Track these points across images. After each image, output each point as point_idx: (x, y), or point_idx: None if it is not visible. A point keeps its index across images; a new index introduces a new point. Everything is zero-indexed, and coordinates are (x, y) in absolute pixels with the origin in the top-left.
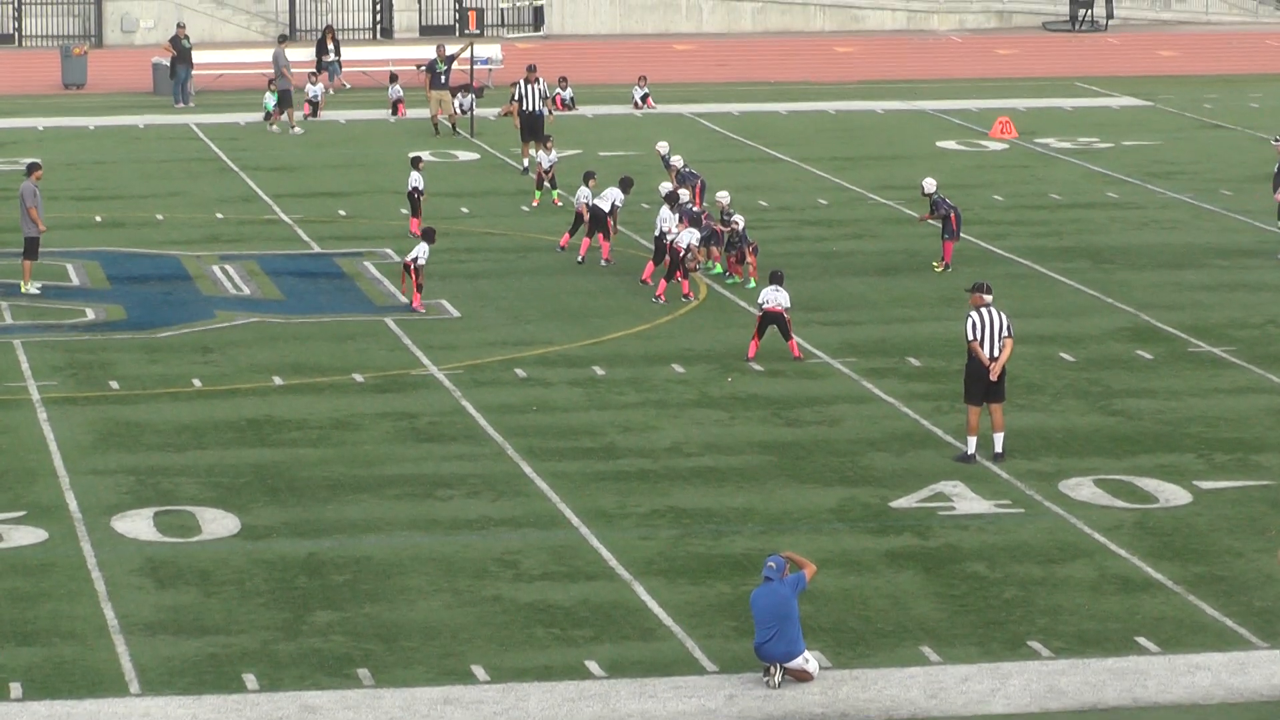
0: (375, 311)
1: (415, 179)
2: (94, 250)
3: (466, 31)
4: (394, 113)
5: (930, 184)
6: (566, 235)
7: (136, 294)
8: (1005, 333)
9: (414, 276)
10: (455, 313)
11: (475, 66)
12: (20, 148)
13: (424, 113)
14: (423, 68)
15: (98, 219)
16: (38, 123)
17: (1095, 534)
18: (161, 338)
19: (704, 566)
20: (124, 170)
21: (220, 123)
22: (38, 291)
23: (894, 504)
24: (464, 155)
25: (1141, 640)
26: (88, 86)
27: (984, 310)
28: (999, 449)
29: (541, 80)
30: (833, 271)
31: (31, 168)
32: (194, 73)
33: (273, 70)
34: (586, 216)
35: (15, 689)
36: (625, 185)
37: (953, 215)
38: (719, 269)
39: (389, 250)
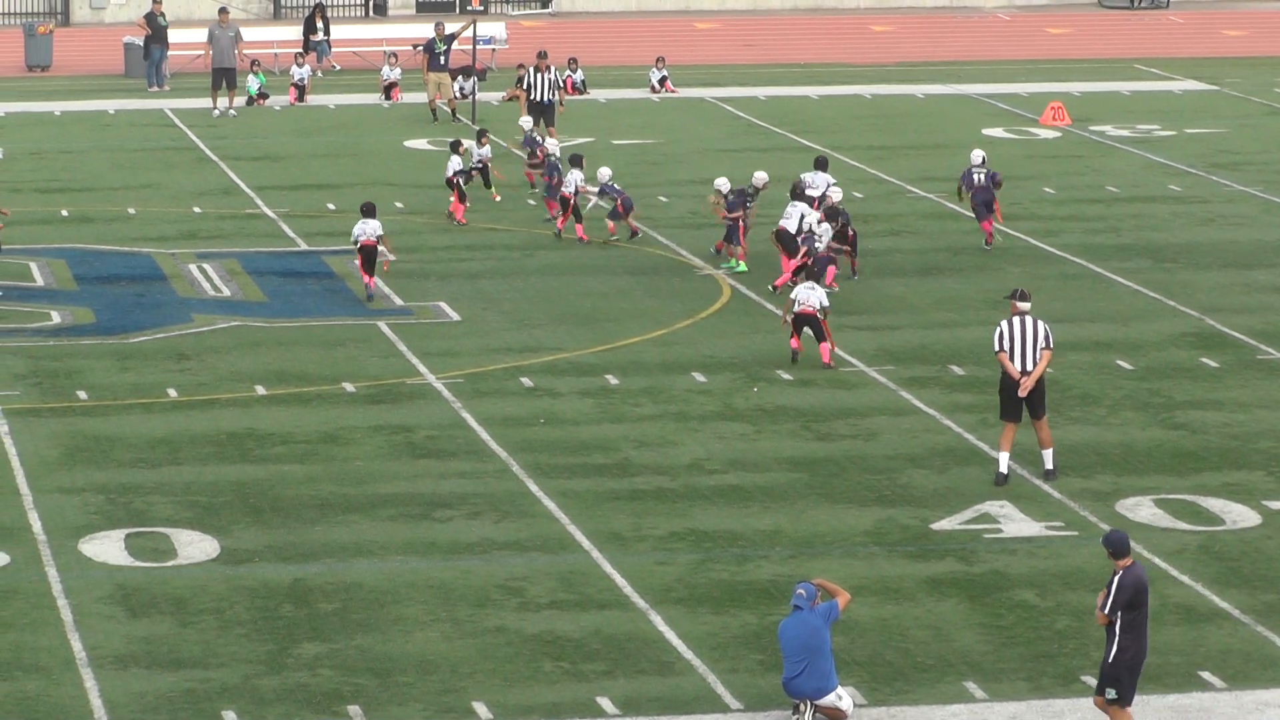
0: (367, 315)
1: (455, 163)
2: (60, 247)
3: (468, 9)
4: (387, 97)
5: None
6: (561, 221)
7: (106, 295)
8: (1043, 344)
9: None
10: (455, 316)
11: (477, 47)
12: None
13: (421, 97)
14: (420, 48)
15: (64, 213)
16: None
17: (1155, 559)
18: (134, 343)
19: (727, 594)
20: (93, 160)
21: (198, 108)
22: None
23: (935, 526)
24: (464, 143)
25: (1206, 675)
26: (53, 68)
27: (1016, 319)
28: (1050, 465)
29: (554, 69)
30: (868, 271)
31: None
32: (169, 53)
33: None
34: (573, 201)
35: None
36: (576, 162)
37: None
38: (742, 267)
39: (382, 248)
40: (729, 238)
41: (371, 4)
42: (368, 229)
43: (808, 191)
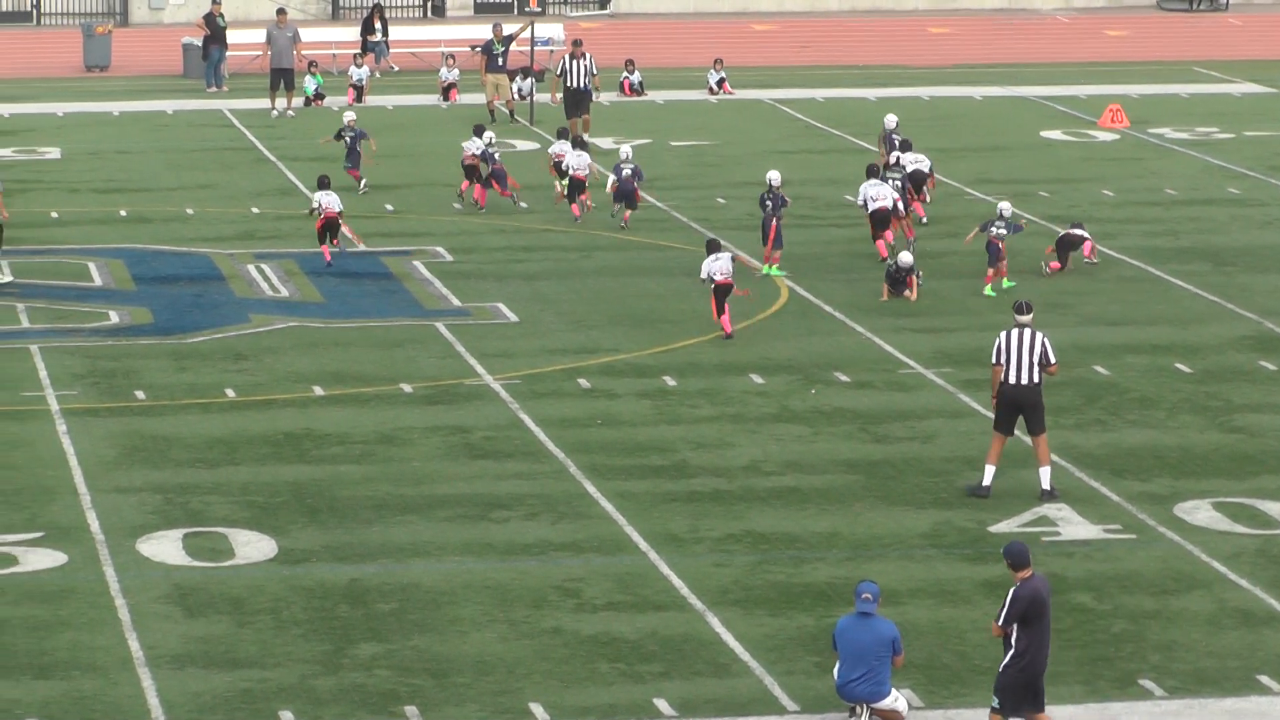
0: (425, 316)
1: (474, 145)
2: (118, 248)
3: (526, 10)
4: (445, 98)
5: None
6: (575, 207)
7: (164, 296)
8: (1041, 358)
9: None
10: (512, 317)
11: (535, 48)
12: (39, 135)
13: (479, 98)
14: (478, 49)
15: (122, 213)
16: (57, 108)
17: (1214, 562)
18: (191, 344)
19: (784, 596)
20: (151, 160)
21: (256, 109)
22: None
23: (993, 528)
24: (523, 144)
25: (1264, 679)
26: (112, 69)
27: (1015, 331)
28: (1046, 485)
29: (588, 55)
30: (926, 274)
31: None
32: (228, 54)
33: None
34: (583, 178)
35: None
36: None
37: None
38: (776, 270)
39: (440, 249)
40: (770, 241)
41: (430, 5)
42: (329, 200)
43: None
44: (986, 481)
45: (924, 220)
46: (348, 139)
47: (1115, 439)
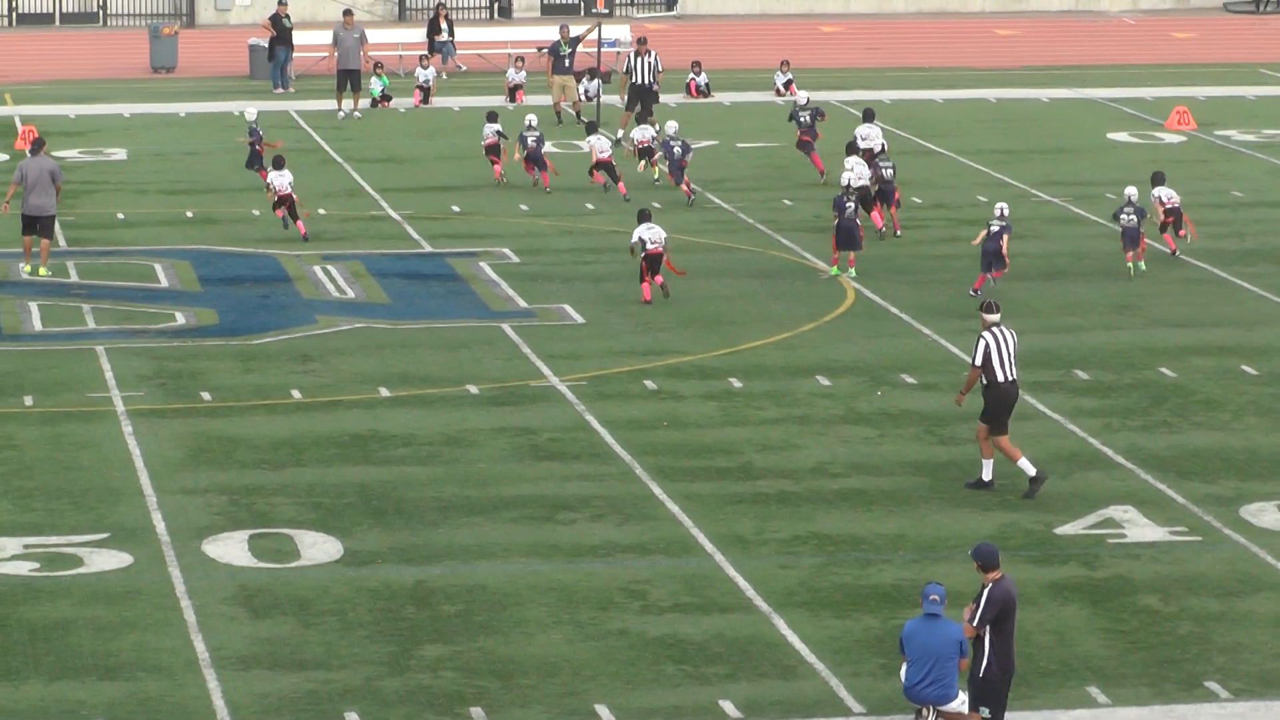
0: (491, 317)
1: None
2: (184, 249)
3: (593, 11)
4: (512, 99)
5: (846, 178)
6: (598, 175)
7: (230, 297)
8: (1018, 350)
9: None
10: (579, 318)
11: (602, 49)
12: (105, 136)
13: (545, 99)
14: (544, 50)
15: (188, 214)
16: (124, 109)
17: (1279, 564)
18: (257, 345)
19: (850, 598)
20: (217, 161)
21: (323, 110)
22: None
23: (1059, 530)
24: (589, 146)
25: None
26: (178, 70)
27: (994, 330)
28: (988, 476)
29: (653, 53)
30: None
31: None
32: (295, 55)
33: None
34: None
35: None
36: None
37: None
38: (835, 271)
39: (507, 250)
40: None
41: (496, 6)
42: (285, 179)
43: (861, 144)
44: (989, 476)
45: (892, 233)
46: (258, 132)
47: (1181, 441)
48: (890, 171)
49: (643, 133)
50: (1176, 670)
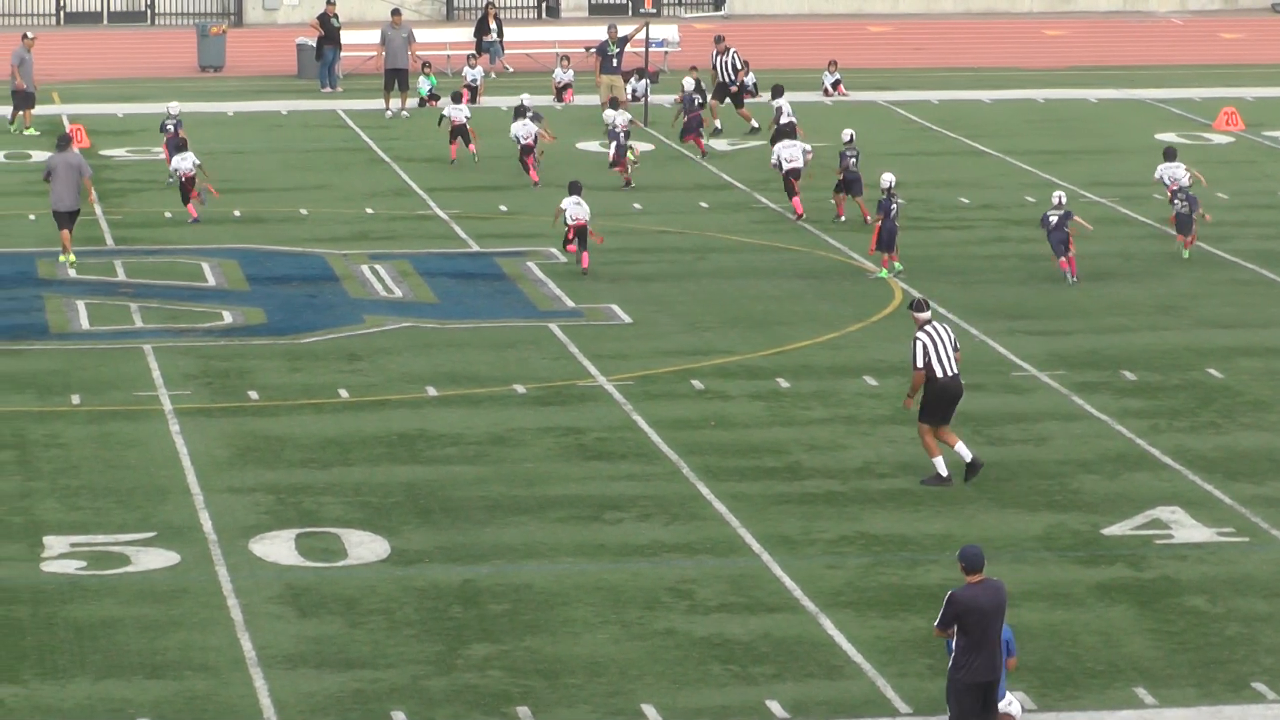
0: (538, 317)
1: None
2: (232, 248)
3: (641, 11)
4: (559, 99)
5: (887, 179)
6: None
7: (278, 296)
8: (955, 346)
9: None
10: (626, 318)
11: (650, 49)
12: (152, 135)
13: (593, 99)
14: (592, 50)
15: (236, 213)
16: (171, 108)
17: None
18: (305, 344)
19: (897, 598)
20: (265, 160)
21: (370, 109)
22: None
23: (1106, 531)
24: (638, 146)
25: None
26: (226, 69)
27: (928, 329)
28: (969, 455)
29: (731, 50)
30: (1040, 276)
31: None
32: (342, 55)
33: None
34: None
35: None
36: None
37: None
38: (883, 273)
39: (554, 250)
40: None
41: (544, 6)
42: (185, 163)
43: (784, 120)
44: (945, 472)
45: (861, 220)
46: (170, 126)
47: (1229, 442)
48: (854, 161)
49: (621, 117)
50: (1223, 671)
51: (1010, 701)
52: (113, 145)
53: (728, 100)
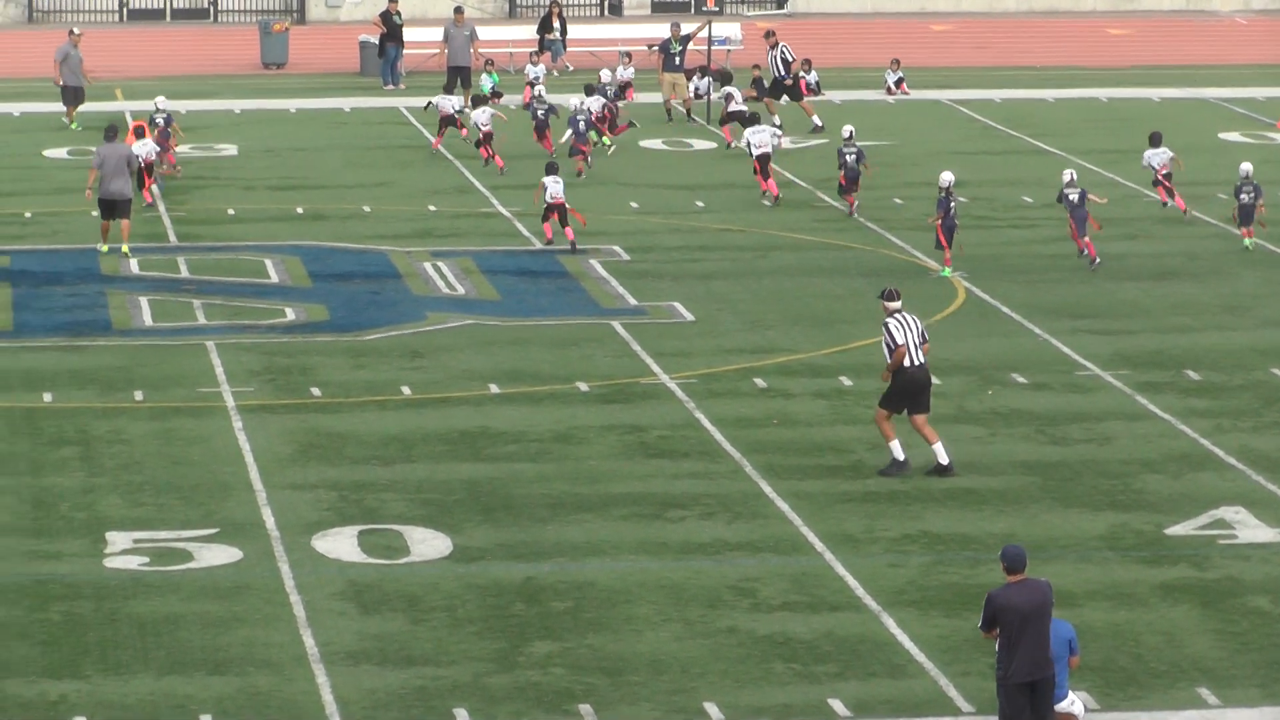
0: (601, 314)
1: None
2: (294, 245)
3: (703, 9)
4: (621, 97)
5: (946, 178)
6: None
7: (340, 293)
8: (921, 336)
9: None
10: (689, 316)
11: (712, 47)
12: (216, 132)
13: (655, 97)
14: (655, 48)
15: (299, 210)
16: (234, 105)
17: None
18: (367, 341)
19: (959, 597)
20: (328, 157)
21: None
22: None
23: (1169, 531)
24: (699, 144)
25: None
26: (289, 66)
27: (897, 317)
28: (945, 461)
29: (781, 45)
30: (1103, 275)
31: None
32: (405, 52)
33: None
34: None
35: None
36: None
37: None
38: (945, 272)
39: (616, 247)
40: (937, 242)
41: (607, 4)
42: (146, 149)
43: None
44: (902, 456)
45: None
46: (160, 120)
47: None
48: (854, 157)
49: (757, 134)
50: None
51: (1073, 701)
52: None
53: (785, 97)
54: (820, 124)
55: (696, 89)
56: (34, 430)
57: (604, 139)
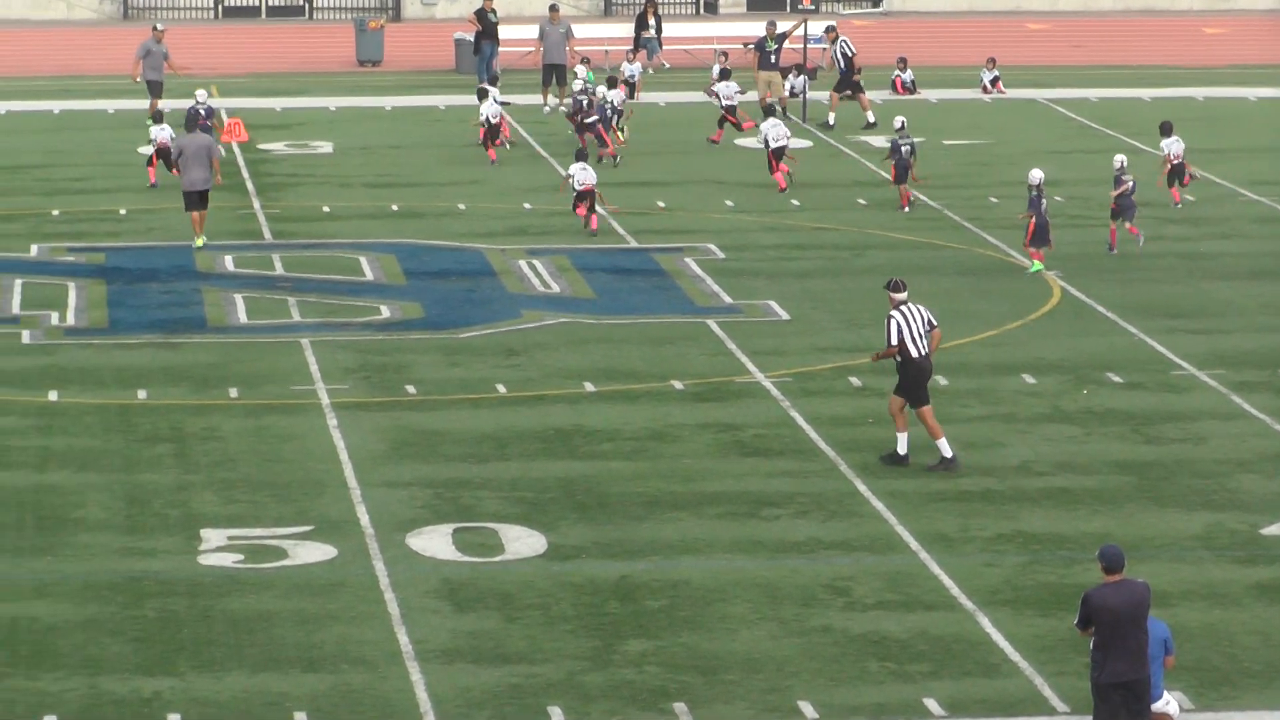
0: (696, 313)
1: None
2: (390, 242)
3: (799, 7)
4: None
5: (1036, 175)
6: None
7: (435, 290)
8: (928, 325)
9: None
10: (784, 315)
11: (808, 46)
12: (311, 129)
13: (751, 95)
14: (750, 46)
15: (394, 208)
16: (329, 103)
17: None
18: (462, 338)
19: (1054, 597)
20: (423, 155)
21: (528, 104)
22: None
23: (1265, 531)
24: (794, 143)
25: None
26: (384, 63)
27: (903, 309)
28: (948, 454)
29: (841, 39)
30: (1198, 275)
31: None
32: (500, 50)
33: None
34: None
35: (300, 719)
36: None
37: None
38: (1036, 266)
39: (712, 245)
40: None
41: (703, 2)
42: (163, 133)
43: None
44: (904, 450)
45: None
46: (202, 111)
47: None
48: (908, 149)
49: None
50: None
51: (1168, 701)
52: (271, 139)
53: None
54: (874, 120)
55: (792, 87)
56: (128, 427)
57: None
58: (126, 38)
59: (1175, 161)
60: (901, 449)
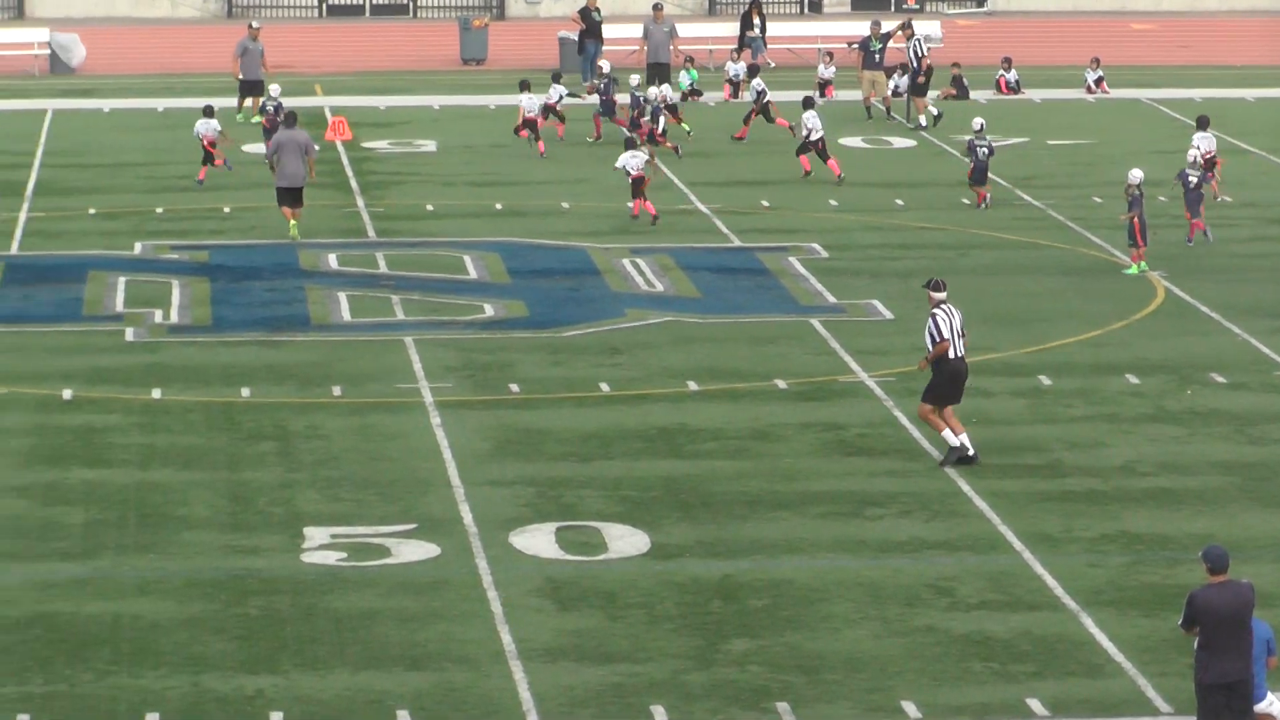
0: (800, 312)
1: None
2: (493, 241)
3: (904, 7)
4: (822, 95)
5: (1136, 175)
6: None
7: (539, 289)
8: (963, 329)
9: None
10: (888, 314)
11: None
12: (415, 128)
13: (855, 95)
14: (855, 45)
15: (497, 207)
16: (433, 101)
17: None
18: (566, 337)
19: (1157, 597)
20: (526, 154)
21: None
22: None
23: None
24: (899, 142)
25: None
26: (488, 62)
27: (945, 308)
28: (972, 450)
29: (914, 38)
30: None
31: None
32: (604, 48)
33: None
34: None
35: (403, 717)
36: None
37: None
38: (1134, 269)
39: (816, 245)
40: (1131, 239)
41: (807, 1)
42: (208, 127)
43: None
44: (957, 442)
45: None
46: (270, 108)
47: None
48: (985, 151)
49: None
50: None
51: (1271, 702)
52: (375, 137)
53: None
54: (924, 124)
55: (896, 87)
56: (232, 425)
57: (683, 125)
58: (230, 36)
59: (1208, 157)
60: (954, 441)
